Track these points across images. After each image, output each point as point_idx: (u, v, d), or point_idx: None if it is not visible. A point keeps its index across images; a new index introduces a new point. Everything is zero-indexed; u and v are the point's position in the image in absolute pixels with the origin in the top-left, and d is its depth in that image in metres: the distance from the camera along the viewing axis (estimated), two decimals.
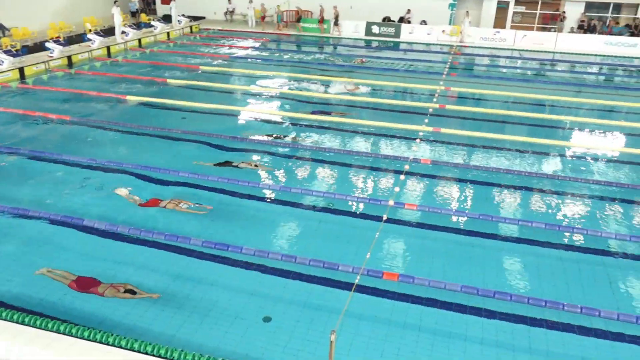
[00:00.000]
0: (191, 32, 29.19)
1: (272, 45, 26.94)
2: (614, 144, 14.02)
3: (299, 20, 30.35)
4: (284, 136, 13.08)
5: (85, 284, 7.09)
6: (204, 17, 33.45)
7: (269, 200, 9.82)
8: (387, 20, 30.76)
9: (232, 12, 32.96)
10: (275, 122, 14.38)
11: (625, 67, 24.74)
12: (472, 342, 6.34)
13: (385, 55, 25.01)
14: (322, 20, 29.77)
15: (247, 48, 25.41)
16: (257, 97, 17.18)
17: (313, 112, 14.96)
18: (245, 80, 19.11)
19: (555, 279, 7.69)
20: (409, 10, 30.11)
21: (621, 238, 8.78)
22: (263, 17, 31.01)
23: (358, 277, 6.64)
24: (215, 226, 8.72)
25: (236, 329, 6.37)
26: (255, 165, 11.06)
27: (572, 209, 9.93)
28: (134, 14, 30.83)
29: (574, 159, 12.59)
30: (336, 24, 29.31)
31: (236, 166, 10.99)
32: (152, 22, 27.61)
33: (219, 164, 11.05)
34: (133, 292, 6.93)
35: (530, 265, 8.05)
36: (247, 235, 8.45)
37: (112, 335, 5.90)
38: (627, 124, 15.47)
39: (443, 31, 28.62)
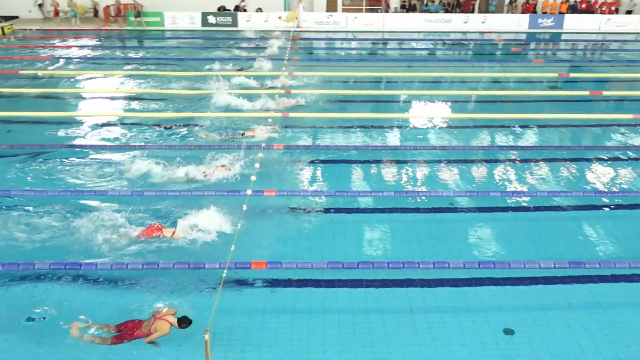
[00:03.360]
0: (3, 34, 25.90)
1: (102, 42, 25.05)
2: (443, 111, 15.50)
3: (95, 13, 28.68)
4: (128, 137, 12.36)
5: (128, 332, 5.97)
6: (17, 17, 29.90)
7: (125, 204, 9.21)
8: (222, 9, 30.33)
9: (41, 5, 29.83)
10: (115, 124, 13.47)
11: (444, 41, 27.37)
12: (344, 313, 6.65)
13: (225, 45, 24.68)
14: (118, 14, 28.45)
15: (73, 47, 23.32)
16: (90, 99, 15.93)
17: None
18: (75, 83, 17.56)
19: (409, 240, 8.34)
20: None
21: (458, 195, 9.80)
22: (56, 12, 28.75)
23: (225, 272, 6.55)
24: (66, 243, 7.95)
25: (103, 347, 5.93)
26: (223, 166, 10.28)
27: (416, 174, 10.81)
28: None
29: (413, 128, 13.69)
30: (138, 16, 28.17)
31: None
32: None
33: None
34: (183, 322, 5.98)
35: (386, 231, 8.63)
36: (99, 248, 7.84)
37: None
38: (452, 92, 17.20)
39: (279, 17, 29.03)
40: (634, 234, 8.63)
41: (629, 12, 31.38)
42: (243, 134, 12.29)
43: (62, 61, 20.60)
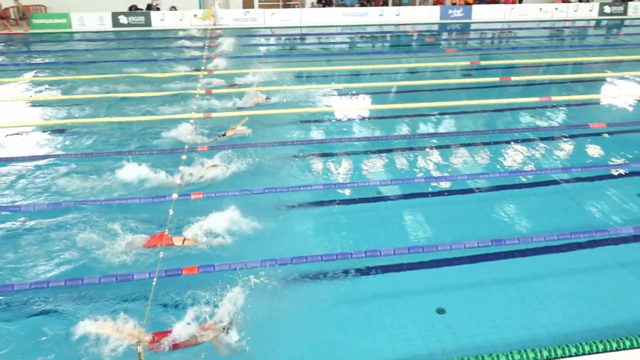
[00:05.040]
0: None
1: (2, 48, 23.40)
2: (364, 103, 15.81)
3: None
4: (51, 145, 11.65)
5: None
6: None
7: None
8: (134, 8, 29.21)
9: None
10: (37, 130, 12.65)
11: (361, 34, 27.89)
12: (283, 311, 6.61)
13: (139, 46, 23.78)
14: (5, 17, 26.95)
15: None
16: None
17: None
18: None
19: (340, 231, 8.43)
20: None
21: (384, 184, 10.03)
22: None
23: (155, 281, 6.32)
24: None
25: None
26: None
27: (343, 166, 10.95)
28: None
29: (336, 121, 13.85)
30: (23, 18, 26.73)
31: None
32: None
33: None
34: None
35: (317, 224, 8.71)
36: (27, 262, 7.33)
37: None
38: (372, 84, 17.57)
39: (195, 15, 28.39)
40: (546, 209, 9.22)
41: (520, 1, 33.51)
42: (224, 135, 12.03)
43: None
